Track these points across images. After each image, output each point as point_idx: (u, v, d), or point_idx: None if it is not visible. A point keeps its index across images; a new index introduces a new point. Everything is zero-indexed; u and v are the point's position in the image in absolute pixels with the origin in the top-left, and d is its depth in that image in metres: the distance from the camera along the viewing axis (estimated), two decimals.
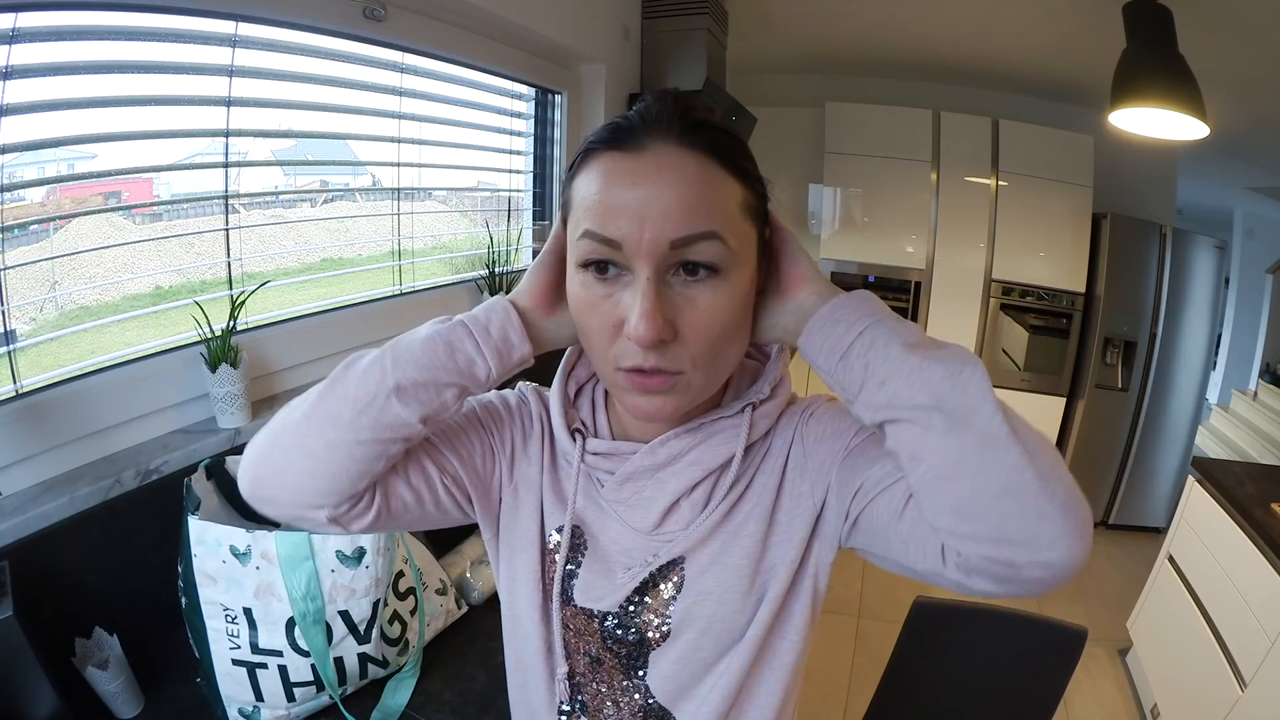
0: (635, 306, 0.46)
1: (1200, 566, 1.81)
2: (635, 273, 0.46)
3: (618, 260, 0.47)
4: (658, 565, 0.55)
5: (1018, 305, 3.22)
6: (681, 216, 0.45)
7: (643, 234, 0.45)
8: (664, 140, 0.46)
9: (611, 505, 0.57)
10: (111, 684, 0.81)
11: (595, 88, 2.17)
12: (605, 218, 0.46)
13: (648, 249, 0.45)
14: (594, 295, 0.48)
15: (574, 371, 0.62)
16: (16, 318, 0.92)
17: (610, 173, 0.47)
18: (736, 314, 0.49)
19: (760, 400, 0.57)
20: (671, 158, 0.46)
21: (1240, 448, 3.32)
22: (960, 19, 2.64)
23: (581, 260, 0.48)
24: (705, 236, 0.46)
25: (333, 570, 0.79)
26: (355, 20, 1.32)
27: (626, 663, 0.58)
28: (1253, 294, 4.24)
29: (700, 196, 0.46)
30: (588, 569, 0.58)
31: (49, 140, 0.92)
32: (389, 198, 1.59)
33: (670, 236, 0.45)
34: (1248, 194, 3.97)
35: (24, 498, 0.87)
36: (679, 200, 0.45)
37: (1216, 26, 2.08)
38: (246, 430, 1.11)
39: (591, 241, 0.47)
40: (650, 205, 0.45)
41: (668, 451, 0.55)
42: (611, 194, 0.46)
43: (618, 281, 0.48)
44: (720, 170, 0.47)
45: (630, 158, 0.47)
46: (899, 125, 3.23)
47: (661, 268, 0.46)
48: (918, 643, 1.04)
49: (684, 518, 0.56)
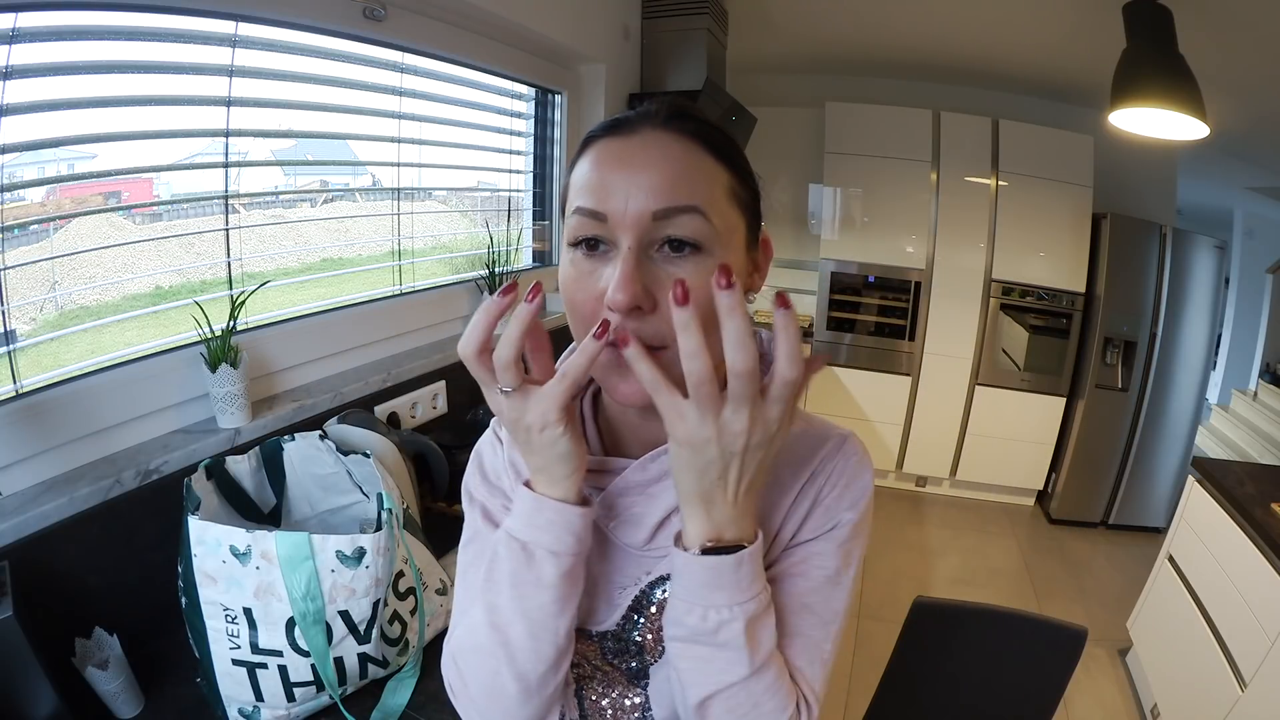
0: (614, 274, 0.46)
1: (1200, 566, 1.81)
2: (619, 246, 0.47)
3: (604, 236, 0.48)
4: (649, 582, 0.55)
5: (1018, 305, 3.22)
6: (664, 190, 0.47)
7: (626, 206, 0.46)
8: (652, 126, 0.49)
9: (602, 521, 0.56)
10: (111, 684, 0.81)
11: (595, 88, 2.17)
12: (594, 193, 0.48)
13: (630, 220, 0.46)
14: (581, 271, 0.49)
15: None
16: (16, 318, 0.92)
17: (602, 155, 0.49)
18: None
19: None
20: (657, 139, 0.49)
21: (1240, 448, 3.32)
22: (960, 19, 2.64)
23: (572, 238, 0.50)
24: (686, 210, 0.47)
25: (333, 570, 0.79)
26: (355, 20, 1.32)
27: (628, 675, 0.58)
28: (1253, 294, 4.24)
29: (682, 173, 0.48)
30: (583, 592, 0.56)
31: (49, 140, 0.92)
32: (389, 198, 1.59)
33: (653, 208, 0.46)
34: (1248, 194, 3.97)
35: (24, 498, 0.86)
36: (662, 175, 0.47)
37: (1217, 27, 2.08)
38: (246, 430, 1.11)
39: (580, 217, 0.49)
40: (636, 180, 0.47)
41: (659, 467, 0.54)
42: (601, 171, 0.48)
43: (604, 258, 0.48)
44: (705, 154, 0.49)
45: (620, 141, 0.49)
46: (899, 125, 3.23)
47: (644, 241, 0.47)
48: (918, 643, 1.04)
49: (674, 533, 0.55)
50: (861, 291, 3.41)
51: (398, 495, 0.93)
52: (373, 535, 0.81)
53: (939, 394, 3.39)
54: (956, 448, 3.43)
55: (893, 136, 3.24)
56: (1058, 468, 3.30)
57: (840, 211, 3.38)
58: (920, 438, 3.47)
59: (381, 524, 0.83)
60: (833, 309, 3.45)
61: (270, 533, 0.78)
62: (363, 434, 1.13)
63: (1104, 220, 3.07)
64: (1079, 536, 3.20)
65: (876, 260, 3.36)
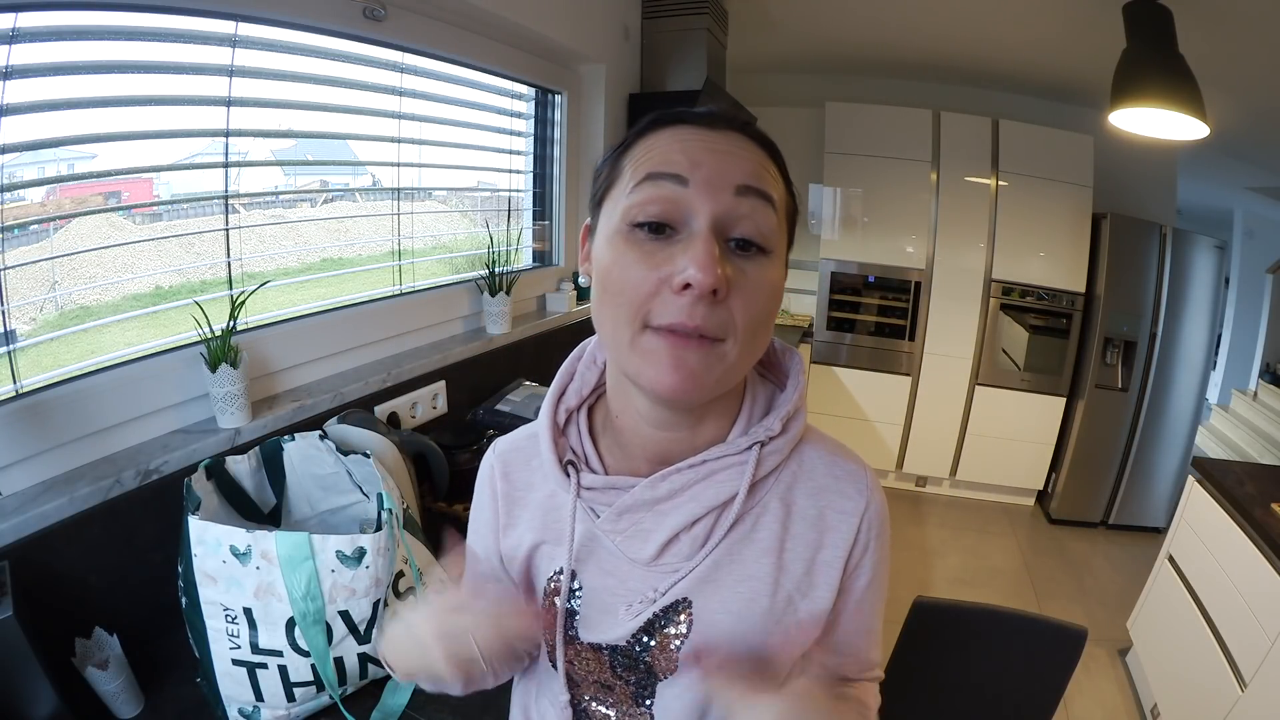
0: (695, 253, 0.44)
1: (1200, 566, 1.81)
2: (692, 227, 0.45)
3: (675, 214, 0.45)
4: (662, 606, 0.54)
5: (1018, 305, 3.22)
6: (747, 171, 0.47)
7: (710, 177, 0.45)
8: (730, 125, 0.49)
9: (609, 535, 0.55)
10: (111, 684, 0.81)
11: (595, 88, 2.18)
12: (674, 160, 0.46)
13: (712, 190, 0.45)
14: (643, 252, 0.46)
15: (563, 398, 0.59)
16: (16, 318, 0.92)
17: (683, 134, 0.48)
18: (775, 303, 0.49)
19: (770, 437, 0.54)
20: (738, 137, 0.49)
21: (1240, 448, 3.32)
22: (960, 19, 2.64)
23: (638, 215, 0.46)
24: (765, 197, 0.47)
25: (333, 570, 0.79)
26: (355, 20, 1.32)
27: (636, 690, 0.57)
28: (1253, 294, 4.25)
29: (763, 167, 0.48)
30: (588, 604, 0.56)
31: (49, 140, 0.92)
32: (389, 198, 1.59)
33: (736, 181, 0.46)
34: (1248, 194, 3.97)
35: (24, 498, 0.86)
36: (746, 160, 0.47)
37: (1217, 27, 2.08)
38: (246, 430, 1.11)
39: (655, 183, 0.46)
40: (720, 158, 0.46)
41: (668, 486, 0.53)
42: (684, 144, 0.47)
43: (669, 243, 0.46)
44: (774, 166, 0.50)
45: (702, 129, 0.48)
46: (899, 125, 3.23)
47: (719, 226, 0.45)
48: (918, 643, 1.04)
49: (683, 551, 0.54)
50: (861, 291, 3.41)
51: (398, 495, 0.93)
52: (373, 535, 0.81)
53: (939, 394, 3.39)
54: (956, 448, 3.43)
55: (893, 136, 3.24)
56: (1058, 468, 3.30)
57: (840, 211, 3.38)
58: (920, 438, 3.47)
59: (381, 524, 0.83)
60: (833, 309, 3.45)
61: (270, 533, 0.78)
62: (363, 434, 1.13)
63: (1104, 220, 3.07)
64: (1079, 536, 3.20)
65: (876, 260, 3.36)
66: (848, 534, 0.55)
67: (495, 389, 1.75)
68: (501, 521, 0.61)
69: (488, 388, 1.75)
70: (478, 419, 1.64)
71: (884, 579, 0.60)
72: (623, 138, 0.52)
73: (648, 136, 0.49)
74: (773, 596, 0.53)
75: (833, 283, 3.43)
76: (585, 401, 0.60)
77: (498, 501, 0.61)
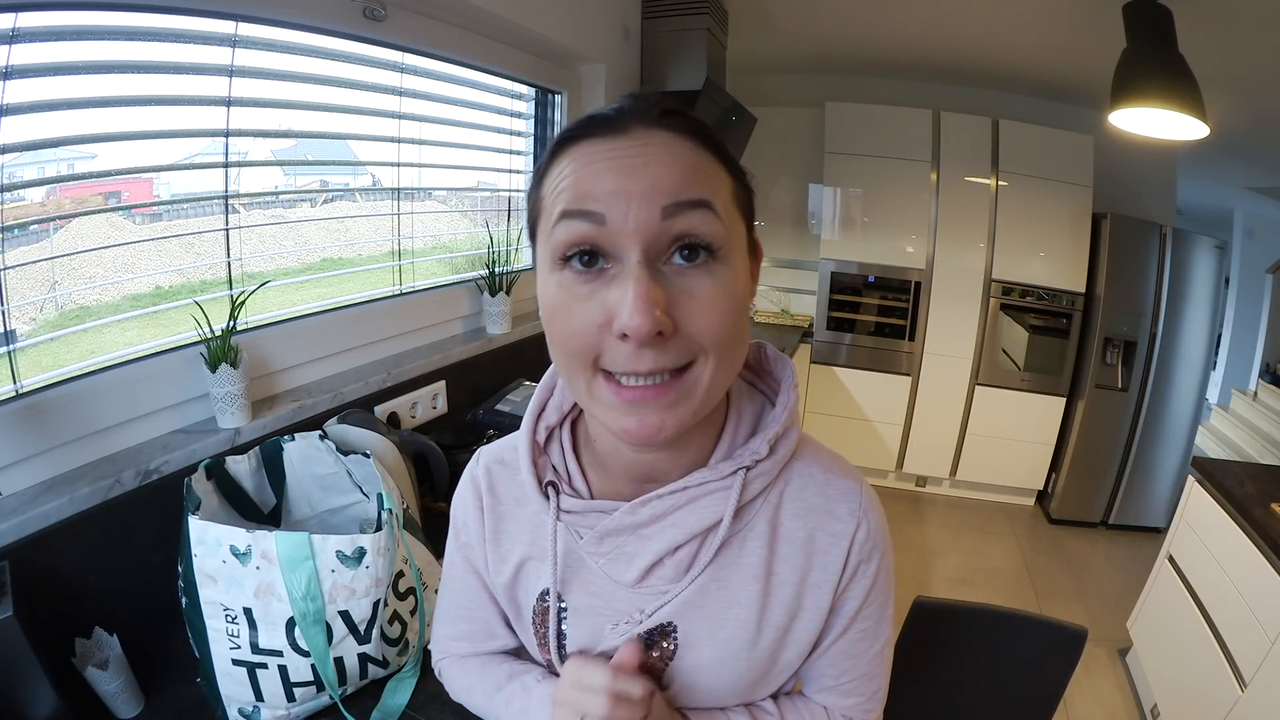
0: (626, 295, 0.39)
1: (1200, 566, 1.81)
2: (623, 260, 0.41)
3: (602, 245, 0.41)
4: (647, 628, 0.53)
5: (1018, 305, 3.22)
6: (672, 184, 0.41)
7: (629, 208, 0.40)
8: (645, 124, 0.43)
9: (592, 557, 0.54)
10: (111, 684, 0.81)
11: (595, 88, 2.17)
12: (586, 193, 0.41)
13: (636, 222, 0.40)
14: (574, 296, 0.42)
15: (543, 414, 0.57)
16: (16, 318, 0.92)
17: (589, 154, 0.42)
18: (739, 309, 0.44)
19: (757, 460, 0.51)
20: (656, 137, 0.42)
21: (1240, 448, 3.32)
22: (960, 19, 2.64)
23: (560, 252, 0.42)
24: (698, 204, 0.41)
25: (333, 570, 0.79)
26: (355, 20, 1.32)
27: None
28: (1253, 294, 4.24)
29: (691, 168, 0.42)
30: (575, 625, 0.56)
31: (49, 140, 0.92)
32: (389, 198, 1.59)
33: (661, 203, 0.40)
34: (1248, 194, 3.97)
35: (24, 498, 0.86)
36: (668, 170, 0.41)
37: (1217, 27, 2.08)
38: (246, 430, 1.11)
39: (571, 221, 0.41)
40: (637, 177, 0.40)
41: (649, 512, 0.50)
42: (593, 169, 0.41)
43: (602, 277, 0.42)
44: (706, 154, 0.44)
45: (610, 140, 0.42)
46: (899, 125, 3.23)
47: (653, 251, 0.41)
48: (918, 643, 1.04)
49: (667, 574, 0.52)
50: (861, 291, 3.41)
51: (398, 495, 0.93)
52: (373, 535, 0.81)
53: (939, 394, 3.39)
54: (956, 448, 3.44)
55: (892, 136, 3.24)
56: (1058, 468, 3.30)
57: (840, 211, 3.38)
58: (920, 438, 3.47)
59: (381, 524, 0.83)
60: (833, 309, 3.45)
61: (270, 533, 0.78)
62: (363, 434, 1.13)
63: (1104, 220, 3.07)
64: (1079, 536, 3.20)
65: (876, 260, 3.36)
66: (837, 557, 0.52)
67: (495, 389, 1.76)
68: (488, 535, 0.60)
69: (488, 388, 1.75)
70: (478, 419, 1.64)
71: (881, 611, 0.56)
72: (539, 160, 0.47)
73: (558, 160, 0.44)
74: (759, 624, 0.53)
75: (833, 283, 3.43)
76: (567, 416, 0.57)
77: (484, 515, 0.60)
